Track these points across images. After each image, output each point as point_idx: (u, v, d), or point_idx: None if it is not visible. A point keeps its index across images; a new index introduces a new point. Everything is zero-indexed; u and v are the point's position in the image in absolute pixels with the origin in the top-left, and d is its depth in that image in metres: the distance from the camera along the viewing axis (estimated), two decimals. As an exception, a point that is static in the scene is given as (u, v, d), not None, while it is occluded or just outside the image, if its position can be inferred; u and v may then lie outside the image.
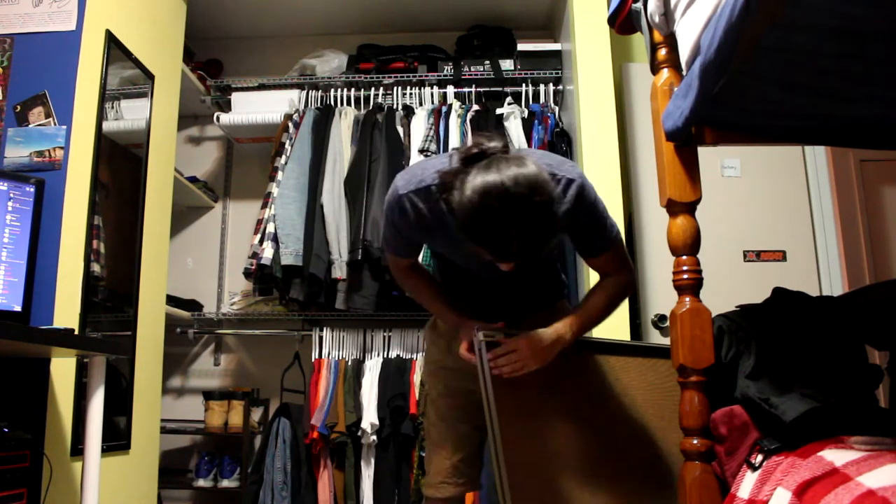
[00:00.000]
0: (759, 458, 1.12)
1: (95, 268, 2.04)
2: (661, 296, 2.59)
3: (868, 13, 0.85)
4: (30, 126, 1.97)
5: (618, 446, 1.51)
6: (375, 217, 2.59)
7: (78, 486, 1.73)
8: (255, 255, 2.70)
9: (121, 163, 2.26)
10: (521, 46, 3.02)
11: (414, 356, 2.78)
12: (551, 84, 2.94)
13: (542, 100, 2.92)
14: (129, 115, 2.33)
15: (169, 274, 2.61)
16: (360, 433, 2.61)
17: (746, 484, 1.12)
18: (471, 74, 3.00)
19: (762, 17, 0.82)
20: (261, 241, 2.71)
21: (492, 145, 1.22)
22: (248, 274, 2.75)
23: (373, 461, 2.62)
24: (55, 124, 1.97)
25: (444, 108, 2.83)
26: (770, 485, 1.05)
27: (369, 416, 2.59)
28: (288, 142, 2.86)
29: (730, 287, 1.98)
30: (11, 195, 1.79)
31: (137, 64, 2.34)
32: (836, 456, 0.97)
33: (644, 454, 1.53)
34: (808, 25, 0.89)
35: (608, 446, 1.50)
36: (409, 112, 2.89)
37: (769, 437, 1.14)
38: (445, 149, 2.71)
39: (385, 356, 2.81)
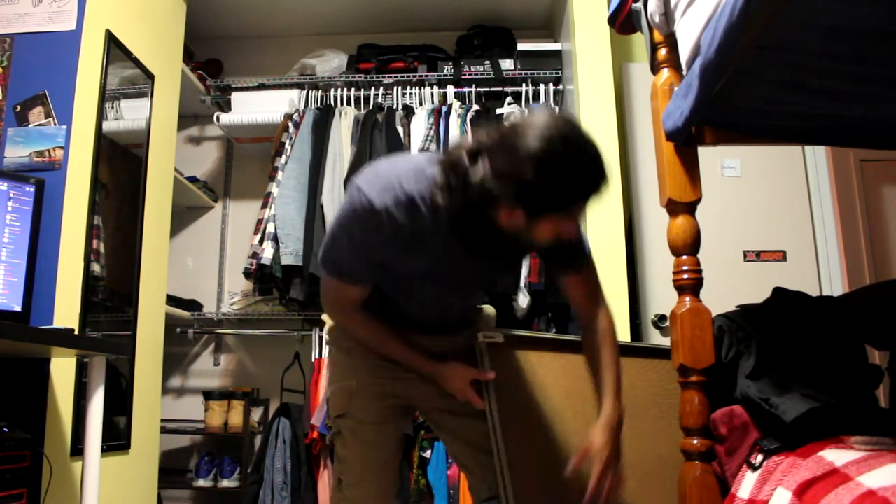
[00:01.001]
0: (760, 458, 1.12)
1: (95, 268, 2.04)
2: (661, 296, 2.59)
3: (868, 13, 0.85)
4: (30, 126, 1.97)
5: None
6: (375, 217, 2.59)
7: (78, 486, 1.72)
8: (255, 255, 2.70)
9: (121, 163, 2.26)
10: (521, 46, 3.02)
11: (414, 356, 2.78)
12: (551, 84, 2.94)
13: (542, 100, 2.92)
14: (129, 115, 2.33)
15: (169, 274, 2.61)
16: (360, 433, 2.61)
17: (746, 484, 1.12)
18: (471, 74, 3.00)
19: (762, 17, 0.82)
20: (261, 241, 2.71)
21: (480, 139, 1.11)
22: (248, 274, 2.74)
23: (373, 461, 2.62)
24: (55, 124, 1.97)
25: (444, 108, 2.82)
26: (770, 485, 1.05)
27: (369, 416, 2.59)
28: (288, 142, 2.86)
29: (730, 287, 1.98)
30: (11, 195, 1.79)
31: (137, 64, 2.34)
32: (836, 456, 0.97)
33: (648, 454, 1.53)
34: (808, 25, 0.89)
35: None
36: (409, 112, 2.88)
37: (769, 437, 1.14)
38: (446, 149, 2.71)
39: (385, 356, 2.80)
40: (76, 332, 1.88)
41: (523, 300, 2.57)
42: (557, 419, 1.48)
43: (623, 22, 1.38)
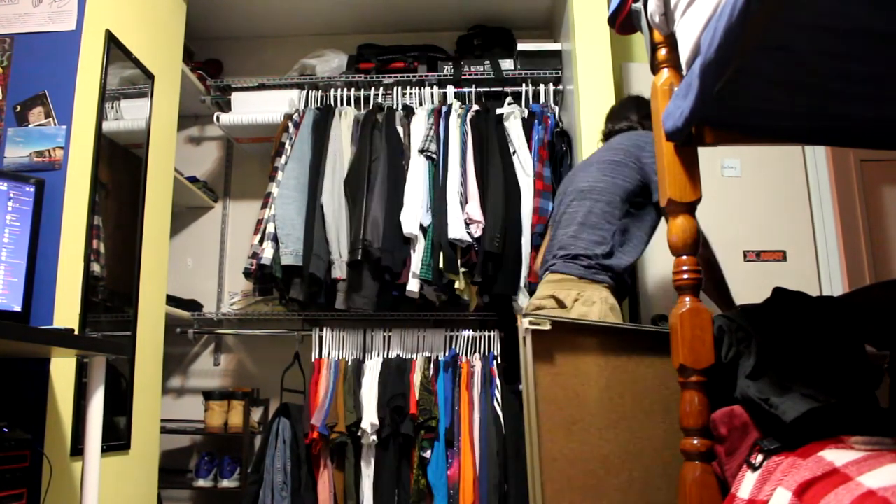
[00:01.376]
0: (760, 458, 1.12)
1: (95, 268, 2.04)
2: (661, 296, 2.59)
3: (869, 13, 0.85)
4: (30, 126, 1.97)
5: (654, 444, 1.49)
6: (375, 217, 2.59)
7: (78, 486, 1.73)
8: (255, 255, 2.70)
9: (121, 163, 2.26)
10: (521, 46, 3.02)
11: (414, 356, 2.78)
12: (551, 84, 2.94)
13: (542, 100, 2.92)
14: (129, 115, 2.33)
15: (169, 274, 2.61)
16: (360, 433, 2.61)
17: (746, 484, 1.12)
18: (471, 74, 3.00)
19: (762, 17, 0.82)
20: (261, 241, 2.71)
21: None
22: (248, 274, 2.74)
23: (373, 461, 2.62)
24: (55, 124, 1.97)
25: (444, 108, 2.82)
26: (770, 485, 1.05)
27: (369, 416, 2.59)
28: (288, 142, 2.86)
29: (730, 287, 1.98)
30: (11, 195, 1.79)
31: (137, 64, 2.34)
32: (836, 456, 0.97)
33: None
34: (808, 25, 0.89)
35: (645, 444, 1.49)
36: (409, 112, 2.88)
37: (769, 437, 1.14)
38: (445, 149, 2.71)
39: (385, 356, 2.81)
40: (76, 332, 1.88)
41: (523, 300, 2.58)
42: (594, 412, 1.46)
43: (623, 22, 1.38)
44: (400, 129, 2.81)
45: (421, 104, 2.95)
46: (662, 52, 1.27)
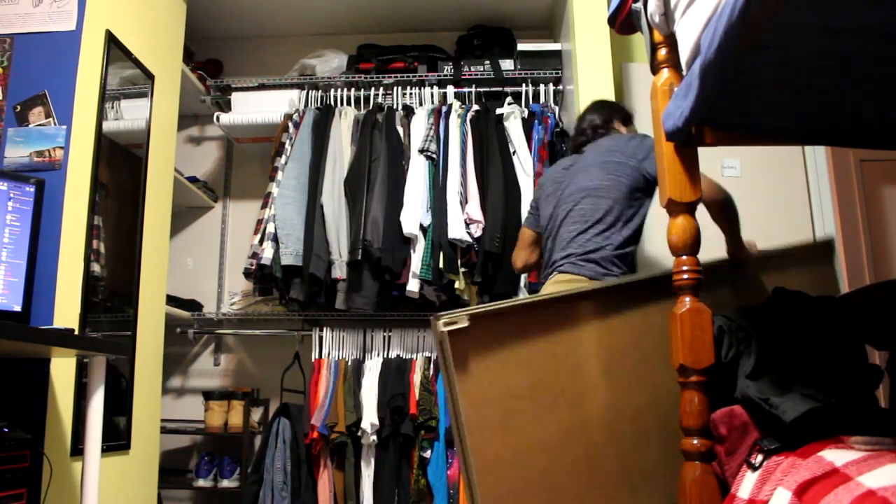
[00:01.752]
0: (759, 458, 1.12)
1: (95, 268, 2.04)
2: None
3: (868, 13, 0.85)
4: (30, 126, 1.97)
5: (596, 414, 1.39)
6: (375, 217, 2.59)
7: (78, 486, 1.73)
8: (255, 255, 2.70)
9: (121, 163, 2.26)
10: (521, 46, 3.02)
11: (414, 356, 2.78)
12: (551, 84, 2.94)
13: (542, 100, 2.92)
14: (129, 115, 2.33)
15: (169, 274, 2.61)
16: (360, 433, 2.61)
17: (746, 484, 1.12)
18: (471, 74, 3.01)
19: (762, 17, 0.82)
20: (261, 241, 2.71)
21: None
22: (248, 274, 2.75)
23: (373, 461, 2.62)
24: (55, 124, 1.97)
25: (444, 108, 2.83)
26: (770, 485, 1.05)
27: (369, 416, 2.59)
28: (288, 142, 2.86)
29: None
30: (11, 195, 1.79)
31: (137, 64, 2.34)
32: (836, 456, 0.97)
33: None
34: (807, 25, 0.89)
35: (587, 417, 1.39)
36: (409, 112, 2.89)
37: (769, 437, 1.14)
38: (445, 149, 2.71)
39: (385, 356, 2.81)
40: (76, 332, 1.88)
41: (523, 300, 2.58)
42: (530, 397, 1.35)
43: (623, 22, 1.38)
44: (400, 129, 2.82)
45: (421, 104, 2.95)
46: (662, 52, 1.27)
